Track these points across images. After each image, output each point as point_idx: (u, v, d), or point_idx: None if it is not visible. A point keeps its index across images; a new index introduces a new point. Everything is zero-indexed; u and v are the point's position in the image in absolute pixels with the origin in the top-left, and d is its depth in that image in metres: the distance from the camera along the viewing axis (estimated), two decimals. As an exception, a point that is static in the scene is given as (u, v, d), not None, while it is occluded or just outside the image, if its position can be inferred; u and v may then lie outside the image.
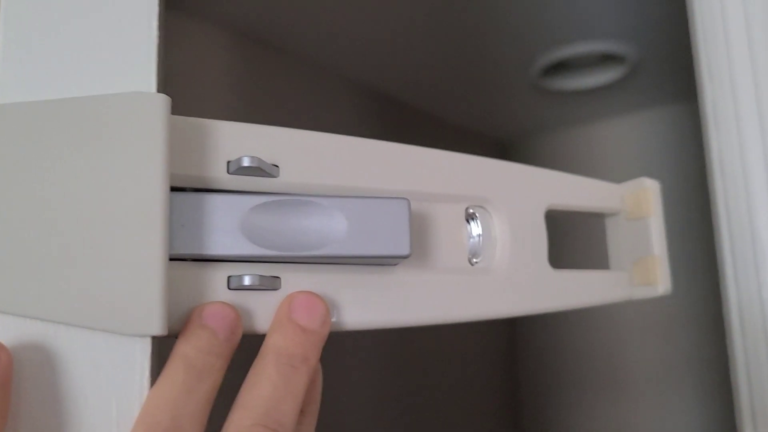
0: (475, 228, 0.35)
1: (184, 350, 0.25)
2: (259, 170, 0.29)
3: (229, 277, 0.28)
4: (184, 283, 0.27)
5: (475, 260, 0.35)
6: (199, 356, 0.25)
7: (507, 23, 0.86)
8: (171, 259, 0.27)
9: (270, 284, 0.29)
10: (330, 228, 0.30)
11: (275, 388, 0.26)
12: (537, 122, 1.23)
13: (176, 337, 0.28)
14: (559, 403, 1.27)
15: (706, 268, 1.06)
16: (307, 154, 0.31)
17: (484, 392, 1.23)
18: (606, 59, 0.99)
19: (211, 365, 0.25)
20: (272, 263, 0.30)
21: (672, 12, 0.84)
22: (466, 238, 0.35)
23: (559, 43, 0.92)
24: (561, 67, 1.00)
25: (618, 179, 0.41)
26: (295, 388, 0.26)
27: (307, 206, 0.30)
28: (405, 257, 0.30)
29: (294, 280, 0.30)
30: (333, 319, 0.30)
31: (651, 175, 0.41)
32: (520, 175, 0.37)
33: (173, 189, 0.28)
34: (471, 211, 0.35)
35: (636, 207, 0.39)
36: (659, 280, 0.38)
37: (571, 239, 1.08)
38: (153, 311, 0.25)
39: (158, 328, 0.25)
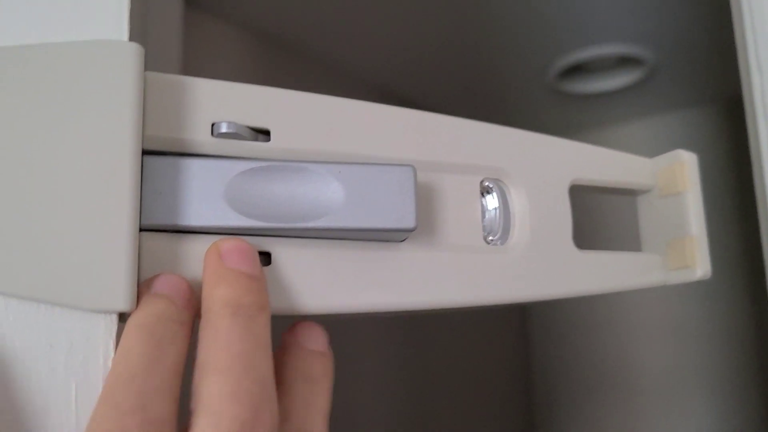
0: (491, 201, 0.32)
1: (138, 320, 0.22)
2: (247, 134, 0.27)
3: (210, 250, 0.26)
4: (159, 257, 0.25)
5: (490, 238, 0.32)
6: (157, 324, 0.22)
7: (524, 25, 0.84)
8: (145, 230, 0.25)
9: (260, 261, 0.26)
10: (326, 197, 0.27)
11: (243, 341, 0.22)
12: (554, 126, 1.20)
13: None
14: (571, 408, 1.23)
15: (719, 272, 1.02)
16: (301, 117, 0.28)
17: (496, 396, 1.20)
18: (624, 62, 0.96)
19: (172, 332, 0.22)
20: (261, 236, 0.27)
21: (691, 15, 0.82)
22: (481, 213, 0.31)
23: (576, 45, 0.90)
24: (578, 70, 0.98)
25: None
26: (263, 340, 0.23)
27: (301, 173, 0.27)
28: (410, 231, 0.27)
29: (286, 256, 0.27)
30: (330, 301, 0.27)
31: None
32: (541, 146, 0.33)
33: (150, 152, 0.25)
34: (486, 184, 0.32)
35: (671, 182, 0.35)
36: (697, 263, 0.34)
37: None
38: (119, 285, 0.22)
39: (124, 304, 0.22)
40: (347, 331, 0.88)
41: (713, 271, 0.34)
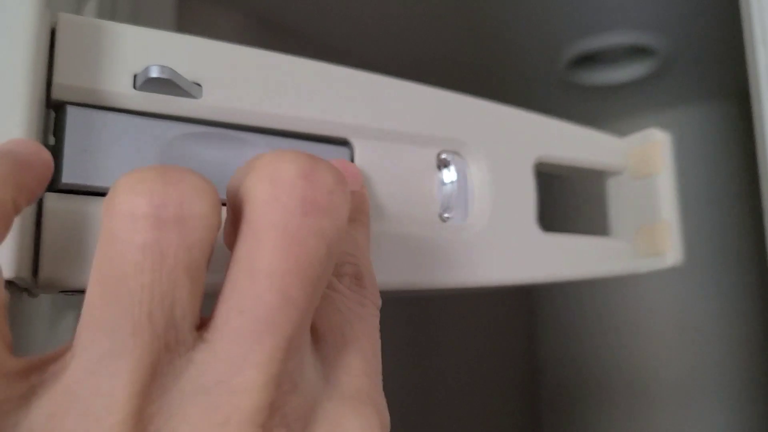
0: (449, 175, 0.29)
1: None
2: (174, 87, 0.24)
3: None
4: (66, 221, 0.22)
5: (446, 215, 0.29)
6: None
7: (532, 12, 0.82)
8: (62, 191, 0.22)
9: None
10: None
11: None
12: (563, 118, 1.18)
13: (61, 292, 0.23)
14: (580, 410, 1.21)
15: (732, 272, 1.01)
16: (237, 73, 0.25)
17: (501, 398, 1.18)
18: (636, 52, 0.94)
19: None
20: (188, 203, 0.24)
21: (707, 4, 0.79)
22: (437, 188, 0.29)
23: (587, 33, 0.87)
24: (589, 60, 0.95)
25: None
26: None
27: (238, 143, 0.24)
28: None
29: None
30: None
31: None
32: (505, 119, 0.31)
33: (68, 103, 0.22)
34: (444, 157, 0.29)
35: (643, 164, 0.33)
36: (668, 249, 0.32)
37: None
38: (8, 252, 0.19)
39: (13, 271, 0.19)
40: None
41: (726, 272, 0.32)
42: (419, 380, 0.99)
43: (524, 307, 1.26)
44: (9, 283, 0.20)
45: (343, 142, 0.27)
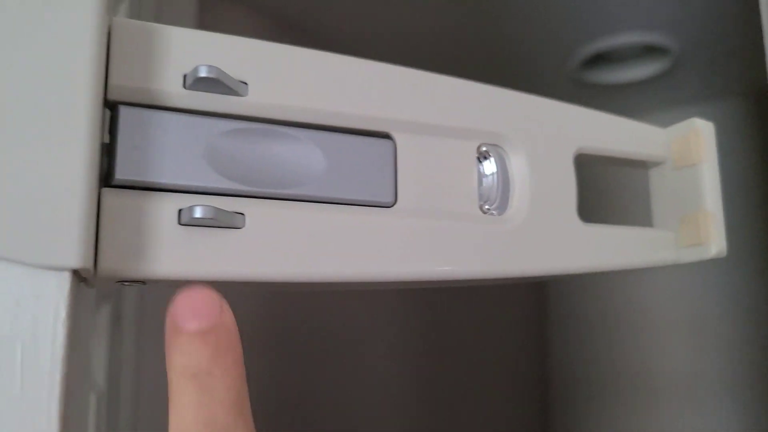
0: (489, 168, 0.30)
1: (177, 363, 0.21)
2: (221, 86, 0.25)
3: (180, 210, 0.24)
4: (123, 215, 0.23)
5: (487, 207, 0.29)
6: (199, 363, 0.21)
7: (545, 12, 0.81)
8: (115, 186, 0.23)
9: (229, 221, 0.24)
10: (307, 165, 0.25)
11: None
12: None
13: (118, 282, 0.24)
14: (588, 408, 1.20)
15: (741, 269, 0.99)
16: (282, 71, 0.26)
17: (510, 396, 1.18)
18: (648, 51, 0.93)
19: (222, 370, 0.21)
20: (235, 197, 0.25)
21: (719, 3, 0.78)
22: (477, 180, 0.29)
23: (599, 33, 0.87)
24: (601, 59, 0.95)
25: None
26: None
27: (284, 138, 0.25)
28: (388, 206, 0.26)
29: (261, 218, 0.25)
30: (308, 268, 0.26)
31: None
32: (544, 111, 0.31)
33: (121, 103, 0.24)
34: (484, 149, 0.30)
35: (685, 153, 0.33)
36: (712, 240, 0.32)
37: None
38: (73, 240, 0.20)
39: (78, 261, 0.20)
40: (352, 316, 0.86)
41: (735, 268, 0.32)
42: (429, 373, 0.99)
43: (534, 303, 1.25)
44: (75, 274, 0.21)
45: (385, 136, 0.28)
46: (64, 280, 0.21)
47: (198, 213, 0.23)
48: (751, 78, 0.99)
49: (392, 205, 0.27)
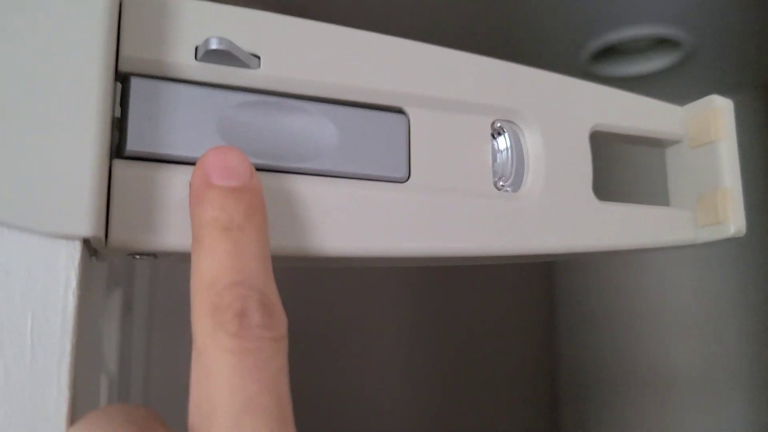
0: (503, 143, 0.29)
1: (208, 216, 0.21)
2: (233, 58, 0.24)
3: (191, 182, 0.24)
4: (135, 186, 0.23)
5: (501, 183, 0.29)
6: (232, 218, 0.21)
7: (556, 4, 0.81)
8: (129, 157, 0.23)
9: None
10: (320, 139, 0.25)
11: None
12: None
13: (129, 254, 0.24)
14: (599, 402, 1.18)
15: (755, 260, 0.98)
16: (294, 44, 0.26)
17: (518, 390, 1.17)
18: (659, 44, 0.92)
19: (254, 227, 0.21)
20: (250, 170, 0.25)
21: None
22: (491, 156, 0.29)
23: (610, 25, 0.86)
24: (612, 51, 0.94)
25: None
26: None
27: (297, 111, 0.25)
28: (402, 181, 0.26)
29: (273, 191, 0.25)
30: (323, 242, 0.25)
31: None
32: (559, 87, 0.31)
33: (133, 75, 0.23)
34: (498, 125, 0.29)
35: (703, 131, 0.33)
36: (730, 218, 0.31)
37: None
38: (83, 210, 0.20)
39: (89, 229, 0.20)
40: (361, 300, 0.86)
41: (749, 260, 0.31)
42: (436, 368, 0.99)
43: (543, 297, 1.24)
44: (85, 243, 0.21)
45: (398, 111, 0.27)
46: (75, 250, 0.20)
47: (209, 184, 0.23)
48: (763, 71, 0.98)
49: (405, 181, 0.27)
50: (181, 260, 0.25)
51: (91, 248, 0.22)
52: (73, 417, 0.20)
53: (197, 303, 0.20)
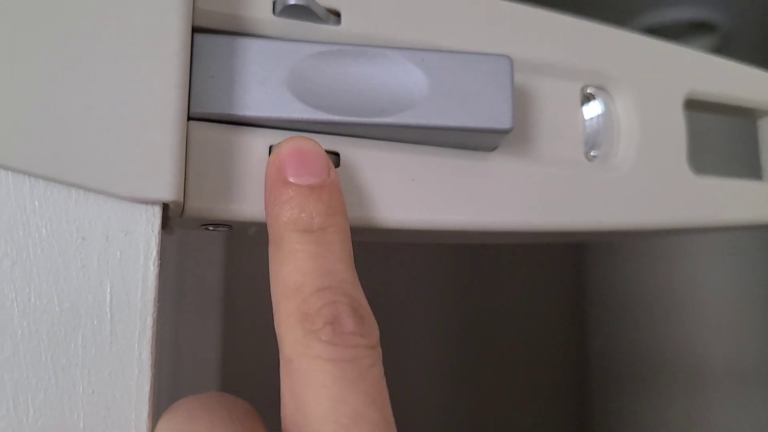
0: (593, 109, 0.27)
1: (287, 217, 0.20)
2: (313, 14, 0.23)
3: (271, 146, 0.22)
4: (209, 149, 0.21)
5: (593, 153, 0.27)
6: (312, 219, 0.19)
7: None
8: (194, 119, 0.21)
9: (324, 159, 0.22)
10: (407, 89, 0.23)
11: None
12: None
13: (203, 225, 0.22)
14: (630, 393, 1.16)
15: None
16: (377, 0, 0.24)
17: (547, 382, 1.15)
18: (695, 28, 0.89)
19: (336, 227, 0.20)
20: (328, 135, 0.23)
21: None
22: (582, 124, 0.27)
23: (644, 9, 0.83)
24: (649, 35, 0.91)
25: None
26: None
27: (378, 59, 0.23)
28: (506, 132, 0.23)
29: (356, 158, 0.23)
30: (405, 214, 0.23)
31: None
32: (652, 51, 0.29)
33: (203, 30, 0.22)
34: (589, 91, 0.27)
35: (803, 100, 0.30)
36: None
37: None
38: (164, 173, 0.19)
39: (170, 193, 0.19)
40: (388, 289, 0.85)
41: None
42: (465, 358, 0.97)
43: (573, 288, 1.21)
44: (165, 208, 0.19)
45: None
46: (155, 216, 0.19)
47: (292, 148, 0.21)
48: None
49: (509, 130, 0.23)
50: (258, 233, 0.24)
51: (166, 215, 0.20)
52: (155, 399, 0.18)
53: (282, 310, 0.19)
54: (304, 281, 0.19)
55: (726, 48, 0.92)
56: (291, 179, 0.20)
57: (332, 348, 0.18)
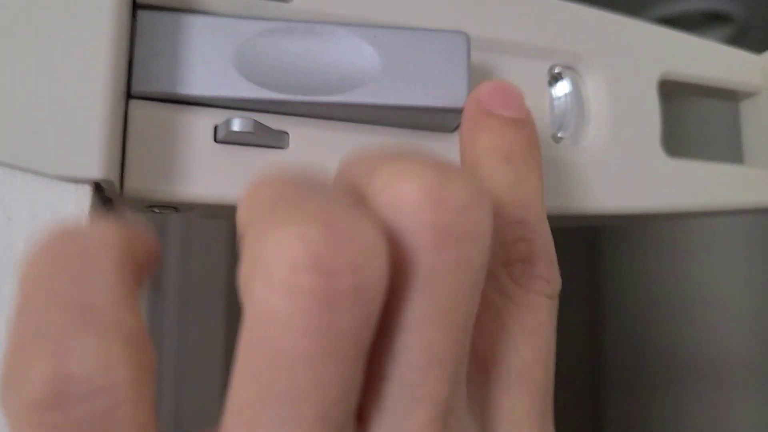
0: (561, 89, 0.26)
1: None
2: (262, -11, 0.22)
3: (216, 126, 0.21)
4: (152, 130, 0.20)
5: (560, 135, 0.26)
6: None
7: None
8: (136, 97, 0.20)
9: (273, 139, 0.21)
10: (357, 67, 0.22)
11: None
12: None
13: (148, 207, 0.22)
14: (646, 393, 1.14)
15: None
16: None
17: (559, 381, 1.13)
18: (711, 19, 0.88)
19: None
20: (277, 114, 0.22)
21: None
22: (549, 105, 0.26)
23: (659, 0, 0.82)
24: (664, 25, 0.89)
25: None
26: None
27: (328, 36, 0.22)
28: (461, 112, 0.22)
29: (307, 140, 0.22)
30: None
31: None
32: (625, 30, 0.28)
33: (145, 6, 0.21)
34: (557, 71, 0.26)
35: (785, 81, 0.29)
36: (816, 177, 0.28)
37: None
38: (94, 149, 0.18)
39: (100, 172, 0.18)
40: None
41: None
42: None
43: (587, 283, 1.20)
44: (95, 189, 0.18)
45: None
46: (85, 195, 0.18)
47: (236, 126, 0.20)
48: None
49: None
50: (204, 215, 0.23)
51: (104, 196, 0.20)
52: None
53: None
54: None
55: (743, 39, 0.91)
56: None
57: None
